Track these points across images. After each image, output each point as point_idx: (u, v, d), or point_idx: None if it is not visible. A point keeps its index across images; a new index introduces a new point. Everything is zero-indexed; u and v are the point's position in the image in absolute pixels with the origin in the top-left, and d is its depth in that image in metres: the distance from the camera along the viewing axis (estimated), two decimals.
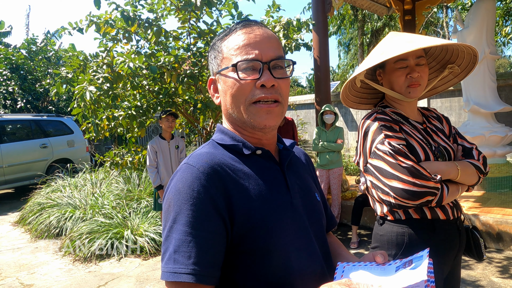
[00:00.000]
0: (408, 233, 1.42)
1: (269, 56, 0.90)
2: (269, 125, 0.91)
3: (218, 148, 0.95)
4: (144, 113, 4.68)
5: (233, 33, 0.93)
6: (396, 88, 1.48)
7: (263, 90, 0.89)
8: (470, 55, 1.53)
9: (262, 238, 0.85)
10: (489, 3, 5.69)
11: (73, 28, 4.41)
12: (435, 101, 9.15)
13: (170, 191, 0.86)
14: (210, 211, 0.82)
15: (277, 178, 0.94)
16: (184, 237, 0.80)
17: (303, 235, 0.93)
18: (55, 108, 12.43)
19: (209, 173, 0.85)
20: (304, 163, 1.13)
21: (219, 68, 0.95)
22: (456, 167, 1.41)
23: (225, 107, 0.96)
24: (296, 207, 0.94)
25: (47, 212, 5.76)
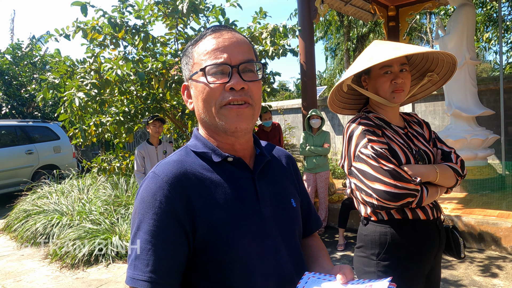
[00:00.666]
0: (391, 233, 1.49)
1: (238, 60, 0.90)
2: (240, 128, 0.90)
3: (190, 155, 0.95)
4: (132, 118, 4.70)
5: (204, 39, 0.94)
6: (381, 93, 1.55)
7: (233, 93, 0.89)
8: (449, 64, 1.61)
9: (224, 249, 0.86)
10: (469, 9, 5.87)
11: (59, 34, 4.41)
12: (419, 105, 9.33)
13: (137, 199, 0.89)
14: (170, 222, 0.83)
15: (246, 187, 0.94)
16: (145, 245, 0.83)
17: (270, 244, 0.92)
18: (41, 114, 12.28)
19: (172, 184, 0.86)
20: (284, 166, 1.11)
21: (190, 73, 0.95)
22: (435, 170, 1.48)
23: (198, 112, 0.96)
24: (264, 216, 0.93)
25: (33, 219, 5.69)
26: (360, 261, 1.55)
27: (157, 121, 4.35)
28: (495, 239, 4.18)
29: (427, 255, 1.52)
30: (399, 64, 1.51)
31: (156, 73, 4.22)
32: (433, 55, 1.61)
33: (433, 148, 1.62)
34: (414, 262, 1.48)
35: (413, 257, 1.48)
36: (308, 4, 5.55)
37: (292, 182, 1.10)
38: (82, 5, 4.06)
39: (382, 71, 1.52)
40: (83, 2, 4.06)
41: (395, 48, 1.45)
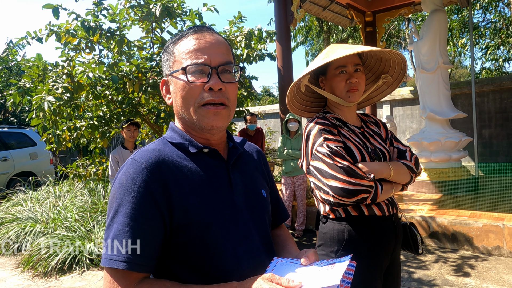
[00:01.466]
0: (348, 230, 1.51)
1: (217, 61, 0.95)
2: (216, 126, 0.96)
3: (167, 145, 0.99)
4: (107, 123, 4.64)
5: (185, 38, 0.98)
6: (337, 92, 1.59)
7: (211, 93, 0.94)
8: (400, 65, 1.66)
9: (198, 233, 0.90)
10: (441, 15, 6.03)
11: (32, 37, 4.34)
12: (397, 109, 9.51)
13: (115, 184, 0.92)
14: (148, 205, 0.87)
15: (221, 176, 0.99)
16: (122, 227, 0.85)
17: (242, 230, 0.98)
18: (17, 120, 12.02)
19: (151, 169, 0.90)
20: (255, 159, 1.17)
21: (170, 70, 1.00)
22: (388, 167, 1.53)
23: (176, 107, 1.00)
24: (237, 204, 0.99)
25: (6, 227, 5.54)
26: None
27: (132, 125, 4.31)
28: (467, 239, 4.27)
29: (384, 251, 1.55)
30: (353, 64, 1.56)
31: (130, 76, 4.18)
32: (385, 56, 1.66)
33: (389, 147, 1.67)
34: (372, 258, 1.51)
35: (370, 253, 1.51)
36: (285, 9, 5.60)
37: (263, 174, 1.17)
38: (53, 8, 4.01)
39: (337, 71, 1.56)
40: (54, 5, 4.01)
41: (348, 48, 1.49)
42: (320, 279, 0.87)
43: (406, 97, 9.07)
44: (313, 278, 0.88)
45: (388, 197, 1.57)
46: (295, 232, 5.27)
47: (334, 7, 8.28)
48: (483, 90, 8.07)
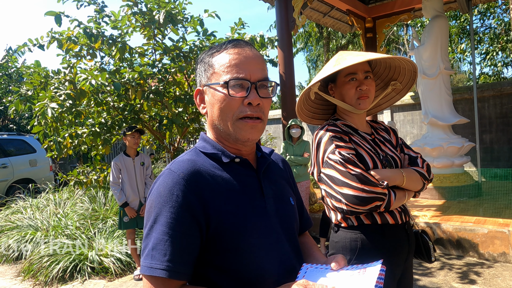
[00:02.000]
0: (361, 238, 1.49)
1: (256, 77, 0.98)
2: (251, 139, 1.00)
3: (200, 155, 1.03)
4: (109, 130, 4.61)
5: (224, 51, 1.01)
6: (347, 100, 1.57)
7: (250, 108, 0.97)
8: (410, 72, 1.65)
9: (233, 239, 0.94)
10: (441, 21, 6.05)
11: (33, 44, 4.32)
12: (398, 115, 9.51)
13: (153, 194, 0.95)
14: (186, 215, 0.90)
15: (252, 185, 1.02)
16: (162, 236, 0.89)
17: (274, 237, 1.01)
18: (16, 127, 11.99)
19: (188, 179, 0.93)
20: (281, 168, 1.21)
21: (208, 81, 1.02)
22: (401, 174, 1.50)
23: (211, 118, 1.03)
24: (268, 212, 1.02)
25: (6, 235, 5.49)
26: None
27: (136, 132, 4.27)
28: (472, 245, 4.24)
29: (397, 259, 1.52)
30: (363, 71, 1.54)
31: (132, 83, 4.17)
32: (395, 63, 1.65)
33: (400, 154, 1.65)
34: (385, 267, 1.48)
35: (384, 262, 1.48)
36: (286, 16, 5.61)
37: (288, 183, 1.21)
38: (56, 15, 4.00)
39: (347, 78, 1.55)
40: (57, 12, 4.00)
41: (358, 55, 1.48)
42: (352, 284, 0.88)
43: (406, 102, 9.08)
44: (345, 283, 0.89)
45: (401, 205, 1.55)
46: None
47: (335, 13, 8.32)
48: (483, 96, 8.08)
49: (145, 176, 4.42)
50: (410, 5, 7.62)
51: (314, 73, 22.63)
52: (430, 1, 6.17)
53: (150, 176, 4.48)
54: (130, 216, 4.23)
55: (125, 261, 4.55)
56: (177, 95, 4.79)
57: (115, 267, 4.43)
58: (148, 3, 4.30)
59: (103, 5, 4.48)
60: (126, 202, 4.24)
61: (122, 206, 4.23)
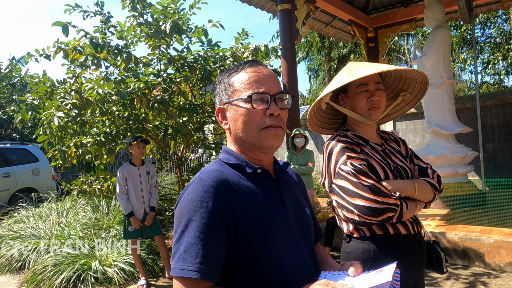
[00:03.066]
0: (373, 249, 1.48)
1: (274, 91, 1.08)
2: (275, 145, 1.08)
3: (225, 166, 1.10)
4: (113, 139, 4.62)
5: (242, 71, 1.11)
6: (358, 110, 1.58)
7: (271, 118, 1.06)
8: (421, 83, 1.67)
9: (259, 244, 1.00)
10: (444, 31, 6.09)
11: (40, 54, 4.36)
12: (400, 124, 9.52)
13: (183, 201, 1.02)
14: (216, 220, 0.97)
15: (274, 194, 1.10)
16: (193, 240, 0.95)
17: (294, 243, 1.08)
18: (19, 136, 12.01)
19: (217, 187, 1.01)
20: (296, 181, 1.28)
21: (229, 98, 1.11)
22: (413, 185, 1.51)
23: (235, 131, 1.11)
24: (289, 219, 1.09)
25: (9, 245, 5.46)
26: None
27: (141, 142, 4.28)
28: (478, 255, 4.21)
29: (410, 270, 1.52)
30: (374, 82, 1.56)
31: (138, 93, 4.19)
32: (405, 75, 1.66)
33: (410, 164, 1.65)
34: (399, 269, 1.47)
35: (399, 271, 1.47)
36: (290, 26, 5.66)
37: (303, 194, 1.28)
38: (63, 26, 4.04)
39: (359, 89, 1.56)
40: (64, 22, 4.04)
41: (371, 67, 1.49)
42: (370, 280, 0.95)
43: (409, 111, 9.05)
44: (364, 282, 0.96)
45: (412, 215, 1.55)
46: None
47: (337, 23, 8.39)
48: (485, 105, 8.10)
49: (150, 185, 4.42)
50: (412, 15, 7.69)
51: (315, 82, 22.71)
52: (431, 11, 6.22)
53: (155, 185, 4.48)
54: (135, 226, 4.22)
55: (129, 271, 4.53)
56: (181, 104, 4.81)
57: (119, 277, 4.41)
58: (154, 13, 4.34)
59: (109, 16, 4.53)
60: (131, 211, 4.23)
61: (128, 215, 4.23)
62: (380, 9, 8.27)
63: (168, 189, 8.07)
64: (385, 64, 1.65)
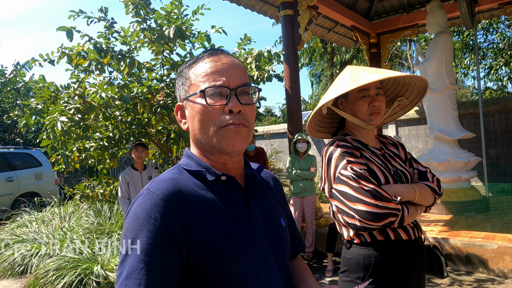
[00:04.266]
0: (374, 255, 1.48)
1: (236, 83, 0.93)
2: (236, 147, 0.92)
3: (183, 173, 0.95)
4: (116, 144, 4.64)
5: (201, 61, 0.96)
6: (359, 115, 1.58)
7: (231, 116, 0.91)
8: (419, 89, 1.68)
9: (218, 265, 0.86)
10: (446, 36, 6.10)
11: (44, 59, 4.39)
12: (403, 129, 9.51)
13: (129, 216, 0.87)
14: (165, 240, 0.82)
15: (240, 205, 0.95)
16: (137, 263, 0.80)
17: (263, 261, 0.93)
18: (23, 140, 12.07)
19: (168, 200, 0.85)
20: (272, 187, 1.13)
21: (186, 94, 0.97)
22: (414, 189, 1.50)
23: (193, 132, 0.97)
24: (257, 234, 0.94)
25: (11, 249, 5.48)
26: (346, 285, 1.53)
27: (139, 146, 4.30)
28: (482, 261, 4.18)
29: (411, 276, 1.51)
30: (375, 88, 1.56)
31: (141, 97, 4.21)
32: (404, 80, 1.67)
33: (409, 168, 1.65)
34: (399, 283, 1.47)
35: (398, 278, 1.47)
36: (292, 31, 5.69)
37: (280, 203, 1.12)
38: (67, 30, 4.07)
39: (360, 94, 1.56)
40: (68, 27, 4.08)
41: (375, 72, 1.49)
42: None
43: (411, 117, 9.08)
44: None
45: (413, 220, 1.54)
46: (304, 254, 5.19)
47: (339, 29, 8.42)
48: (488, 110, 8.08)
49: None
50: (414, 21, 7.71)
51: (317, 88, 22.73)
52: (434, 17, 6.24)
53: None
54: None
55: None
56: None
57: None
58: (158, 19, 4.38)
59: (113, 22, 4.56)
60: None
61: None
62: (383, 15, 8.30)
63: None
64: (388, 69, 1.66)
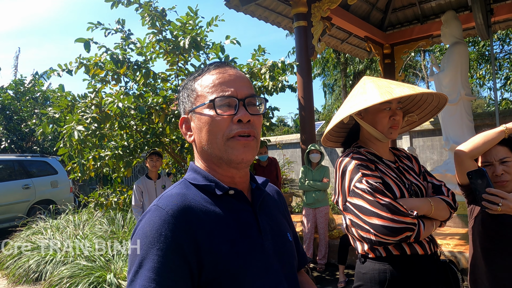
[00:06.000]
0: (390, 270, 1.45)
1: (243, 94, 0.93)
2: (246, 159, 0.92)
3: (190, 188, 0.94)
4: (131, 152, 4.70)
5: (207, 73, 0.97)
6: (379, 127, 1.57)
7: (240, 125, 0.91)
8: (432, 107, 1.69)
9: (230, 284, 0.84)
10: (461, 47, 6.05)
11: (62, 70, 4.50)
12: (417, 140, 9.40)
13: (137, 234, 0.85)
14: (176, 258, 0.81)
15: (248, 220, 0.94)
16: (148, 283, 0.78)
17: (273, 277, 0.92)
18: (40, 148, 12.30)
19: (178, 217, 0.84)
20: (277, 200, 1.12)
21: (193, 106, 0.96)
22: (429, 203, 1.48)
23: (199, 144, 0.96)
24: (266, 250, 0.93)
25: (27, 256, 5.55)
26: None
27: (154, 155, 4.35)
28: None
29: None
30: (396, 102, 1.56)
31: (156, 107, 4.27)
32: (420, 97, 1.69)
33: (423, 182, 1.63)
34: None
35: None
36: (306, 42, 5.72)
37: (284, 216, 1.11)
38: (85, 42, 4.17)
39: (383, 106, 1.55)
40: (86, 39, 4.18)
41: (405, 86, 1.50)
42: None
43: (425, 128, 8.98)
44: None
45: (429, 235, 1.52)
46: (317, 266, 5.13)
47: (352, 40, 8.43)
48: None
49: None
50: (428, 31, 7.67)
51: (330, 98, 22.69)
52: (448, 28, 6.20)
53: None
54: None
55: None
56: None
57: None
58: (173, 30, 4.45)
59: (129, 33, 4.66)
60: None
61: None
62: (396, 25, 8.28)
63: None
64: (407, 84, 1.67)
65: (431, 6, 7.69)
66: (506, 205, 1.45)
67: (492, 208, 1.48)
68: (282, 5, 6.37)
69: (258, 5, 6.18)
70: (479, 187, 1.55)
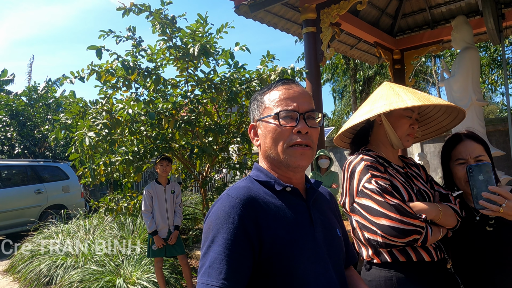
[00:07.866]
0: (396, 277, 1.43)
1: (304, 109, 1.09)
2: (302, 165, 1.08)
3: (254, 183, 1.11)
4: (141, 158, 4.74)
5: (274, 89, 1.13)
6: (398, 133, 1.58)
7: (299, 136, 1.06)
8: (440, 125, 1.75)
9: (284, 263, 0.99)
10: (472, 52, 5.99)
11: (75, 76, 4.57)
12: (428, 146, 9.31)
13: (211, 216, 1.03)
14: (241, 237, 0.97)
15: (302, 213, 1.09)
16: (218, 255, 0.95)
17: (322, 264, 1.05)
18: (52, 154, 12.48)
19: (244, 204, 1.01)
20: (328, 200, 1.27)
21: (261, 116, 1.14)
22: (438, 208, 1.47)
23: (264, 148, 1.13)
24: (317, 240, 1.07)
25: (38, 260, 5.62)
26: None
27: (164, 160, 4.38)
28: None
29: None
30: (417, 111, 1.59)
31: (166, 113, 4.31)
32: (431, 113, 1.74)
33: (431, 189, 1.63)
34: None
35: None
36: (315, 48, 5.72)
37: (335, 215, 1.25)
38: (97, 49, 4.24)
39: (406, 113, 1.56)
40: (98, 46, 4.25)
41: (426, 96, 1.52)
42: None
43: None
44: None
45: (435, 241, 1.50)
46: None
47: (362, 45, 8.41)
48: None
49: (175, 204, 4.48)
50: (439, 37, 7.62)
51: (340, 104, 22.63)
52: (459, 33, 6.15)
53: (180, 204, 4.54)
54: (157, 245, 4.26)
55: None
56: (207, 125, 4.91)
57: None
58: (183, 37, 4.50)
59: (140, 40, 4.72)
60: (155, 230, 4.28)
61: (152, 234, 4.28)
62: (406, 31, 8.24)
63: (192, 209, 8.13)
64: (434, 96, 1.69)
65: (441, 11, 7.64)
66: (509, 207, 1.33)
67: (492, 208, 1.34)
68: (291, 11, 6.40)
69: (267, 12, 6.21)
70: (478, 184, 1.39)
